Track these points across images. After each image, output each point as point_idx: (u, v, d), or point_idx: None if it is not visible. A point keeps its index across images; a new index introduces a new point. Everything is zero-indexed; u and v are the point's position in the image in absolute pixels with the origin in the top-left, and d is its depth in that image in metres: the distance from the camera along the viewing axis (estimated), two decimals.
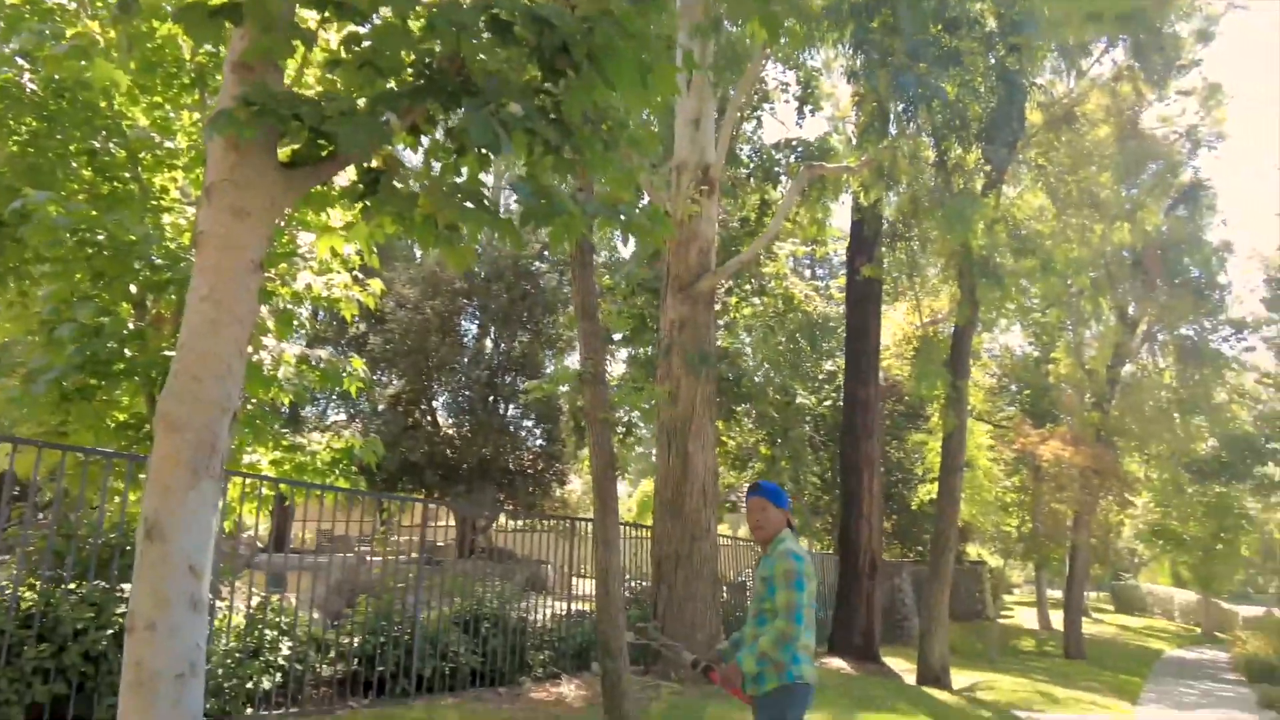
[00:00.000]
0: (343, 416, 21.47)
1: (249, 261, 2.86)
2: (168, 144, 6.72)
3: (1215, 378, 21.94)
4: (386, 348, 19.24)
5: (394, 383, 20.54)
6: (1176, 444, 22.30)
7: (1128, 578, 45.83)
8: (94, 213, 5.91)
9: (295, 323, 6.86)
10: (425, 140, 3.28)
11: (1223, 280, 21.41)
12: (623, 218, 3.23)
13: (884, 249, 14.07)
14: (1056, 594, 29.08)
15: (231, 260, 2.84)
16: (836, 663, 11.98)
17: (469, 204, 3.04)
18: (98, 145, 6.24)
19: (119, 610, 5.02)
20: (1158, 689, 14.28)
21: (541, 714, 6.66)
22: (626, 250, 17.06)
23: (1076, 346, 22.34)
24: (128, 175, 6.54)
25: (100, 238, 5.76)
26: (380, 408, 20.34)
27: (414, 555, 7.86)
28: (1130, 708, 11.67)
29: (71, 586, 5.10)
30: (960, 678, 12.59)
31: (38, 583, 5.02)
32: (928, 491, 18.51)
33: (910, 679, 11.79)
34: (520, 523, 13.76)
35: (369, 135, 2.77)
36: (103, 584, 5.25)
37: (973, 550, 26.37)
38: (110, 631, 4.98)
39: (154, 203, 6.68)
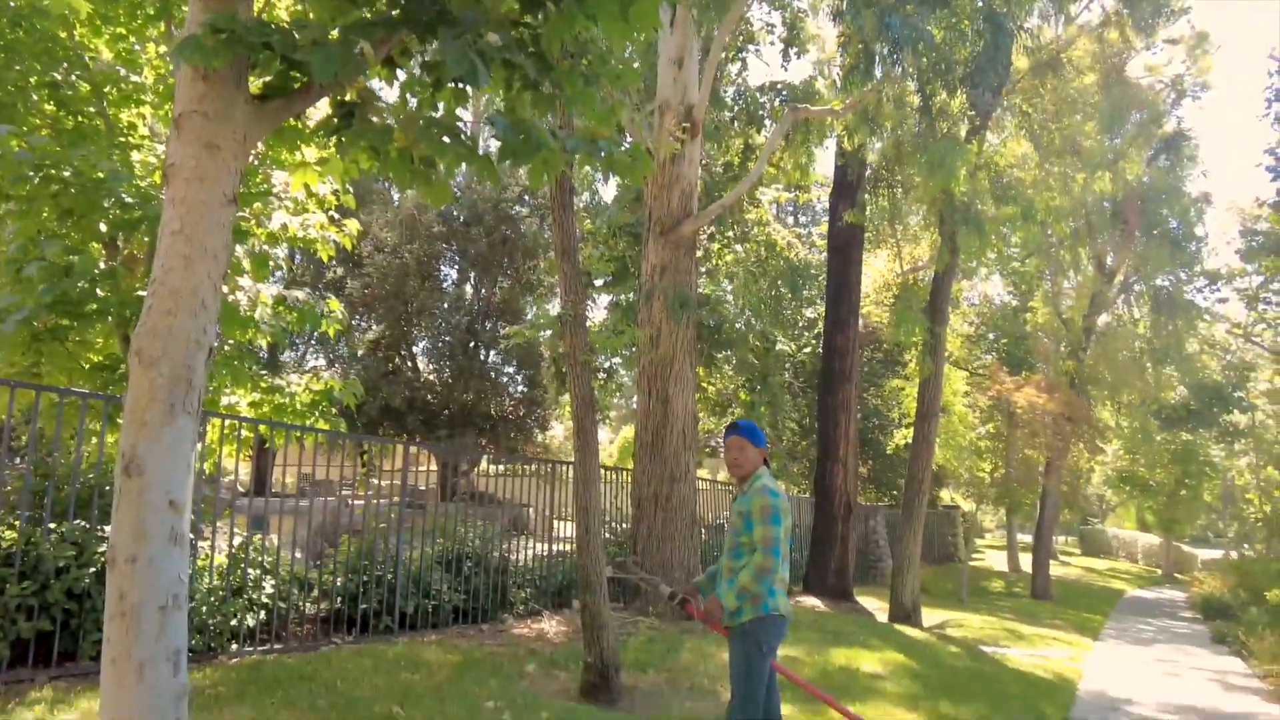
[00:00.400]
0: (322, 361, 21.36)
1: (221, 195, 2.81)
2: (133, 78, 6.51)
3: (1188, 328, 22.32)
4: (365, 292, 19.05)
5: (373, 328, 20.41)
6: (1147, 392, 22.78)
7: (1095, 522, 47.23)
8: (58, 148, 5.75)
9: (271, 264, 6.77)
10: (401, 75, 3.21)
11: (1200, 232, 21.64)
12: (603, 154, 3.20)
13: (867, 195, 14.03)
14: (1027, 538, 29.94)
15: (203, 194, 2.78)
16: (811, 601, 12.32)
17: (445, 138, 2.99)
18: (59, 78, 6.03)
19: (100, 549, 5.04)
20: (1118, 626, 14.85)
21: (523, 648, 6.82)
22: (608, 193, 16.90)
23: (1054, 296, 22.58)
24: (92, 110, 6.35)
25: (66, 174, 5.61)
26: (360, 353, 20.24)
27: (396, 498, 7.93)
28: (1091, 643, 12.14)
29: (52, 526, 5.11)
30: (931, 616, 13.01)
31: (17, 522, 5.01)
32: (904, 437, 18.85)
33: (882, 617, 12.17)
34: (502, 467, 13.87)
35: (343, 65, 2.70)
36: (83, 523, 5.26)
37: (946, 495, 26.99)
38: (92, 570, 5.01)
39: (121, 139, 6.50)
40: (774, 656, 3.76)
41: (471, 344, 19.84)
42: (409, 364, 20.47)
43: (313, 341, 21.46)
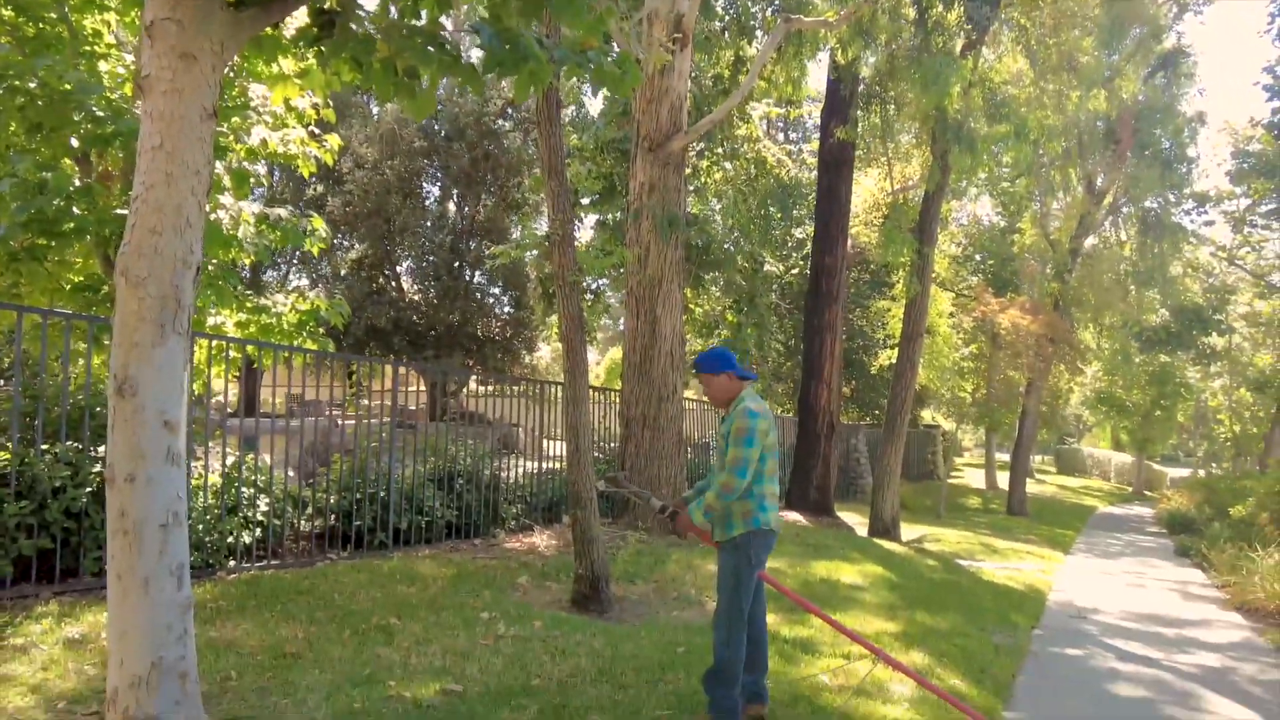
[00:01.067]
0: (305, 281, 21.12)
1: (200, 108, 2.72)
2: None
3: (1173, 251, 22.36)
4: (346, 210, 18.69)
5: (355, 247, 20.11)
6: (1129, 314, 22.99)
7: (1071, 442, 48.42)
8: (20, 57, 5.50)
9: (252, 181, 6.60)
10: None
11: (1192, 153, 21.45)
12: (591, 65, 3.10)
13: (859, 112, 13.75)
14: (1005, 457, 30.70)
15: (182, 107, 2.70)
16: (793, 516, 12.67)
17: (429, 48, 2.89)
18: None
19: (95, 469, 5.08)
20: (1088, 541, 15.41)
21: (515, 561, 7.02)
22: (594, 107, 16.46)
23: (1043, 217, 22.47)
24: (54, 16, 6.05)
25: (32, 85, 5.40)
26: (343, 272, 20.00)
27: (386, 418, 7.98)
28: (1062, 557, 12.62)
29: (44, 448, 5.12)
30: (909, 531, 13.44)
31: (10, 443, 5.02)
32: (888, 357, 19.04)
33: (863, 531, 12.56)
34: (491, 387, 13.95)
35: None
36: (75, 444, 5.28)
37: (927, 415, 27.47)
38: (89, 489, 5.05)
39: (87, 48, 6.22)
40: (761, 569, 3.89)
41: (456, 264, 19.63)
42: (393, 284, 20.28)
43: (295, 261, 21.18)
